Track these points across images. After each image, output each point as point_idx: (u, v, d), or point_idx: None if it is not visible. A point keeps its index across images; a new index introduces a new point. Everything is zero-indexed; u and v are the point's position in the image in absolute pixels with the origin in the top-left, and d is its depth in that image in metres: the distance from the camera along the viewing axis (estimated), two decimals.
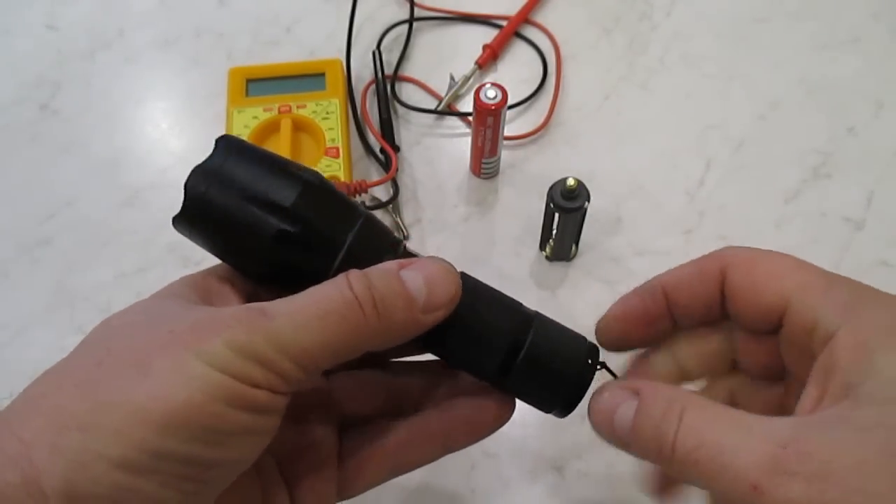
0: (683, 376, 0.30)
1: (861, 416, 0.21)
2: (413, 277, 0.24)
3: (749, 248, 0.27)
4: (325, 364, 0.23)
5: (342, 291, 0.23)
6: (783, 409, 0.27)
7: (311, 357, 0.23)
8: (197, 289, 0.26)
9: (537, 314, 0.28)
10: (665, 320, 0.29)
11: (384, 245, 0.27)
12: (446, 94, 0.55)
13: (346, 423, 0.30)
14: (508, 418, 0.28)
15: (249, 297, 0.27)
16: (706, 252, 0.28)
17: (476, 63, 0.56)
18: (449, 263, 0.25)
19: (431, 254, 0.28)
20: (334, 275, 0.24)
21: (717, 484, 0.21)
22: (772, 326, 0.26)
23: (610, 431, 0.25)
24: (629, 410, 0.24)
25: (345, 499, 0.29)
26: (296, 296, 0.24)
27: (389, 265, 0.25)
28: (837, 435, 0.21)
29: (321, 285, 0.24)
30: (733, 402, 0.29)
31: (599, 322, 0.29)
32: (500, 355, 0.26)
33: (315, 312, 0.23)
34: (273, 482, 0.27)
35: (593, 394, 0.26)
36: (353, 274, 0.24)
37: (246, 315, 0.23)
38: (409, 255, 0.27)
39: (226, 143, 0.26)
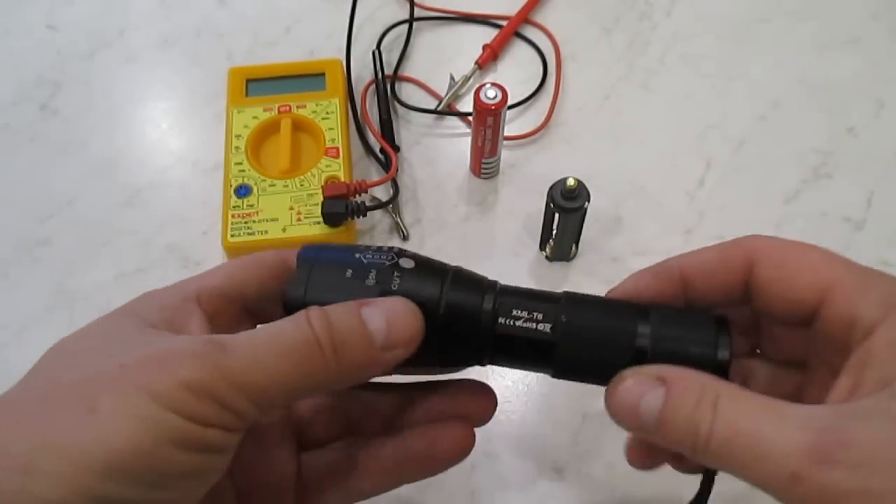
0: None
1: None
2: (373, 315, 0.24)
3: (775, 238, 0.26)
4: (281, 402, 0.23)
5: (302, 330, 0.23)
6: (799, 396, 0.27)
7: (267, 396, 0.22)
8: (160, 308, 0.25)
9: (653, 304, 0.27)
10: (677, 302, 0.28)
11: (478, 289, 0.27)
12: (446, 94, 0.55)
13: (306, 445, 0.30)
14: (467, 453, 0.28)
15: (214, 317, 0.26)
16: None
17: (476, 63, 0.56)
18: (412, 303, 0.25)
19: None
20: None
21: (754, 473, 0.21)
22: (803, 319, 0.25)
23: (634, 420, 0.24)
24: (656, 400, 0.23)
25: None
26: (256, 330, 0.23)
27: (349, 304, 0.24)
28: (877, 424, 0.20)
29: (282, 321, 0.23)
30: (747, 386, 0.29)
31: (608, 294, 0.29)
32: (626, 356, 0.25)
33: (275, 350, 0.22)
34: None
35: (613, 380, 0.25)
36: (314, 311, 0.24)
37: (202, 349, 0.22)
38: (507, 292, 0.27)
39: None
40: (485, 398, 0.29)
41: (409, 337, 0.24)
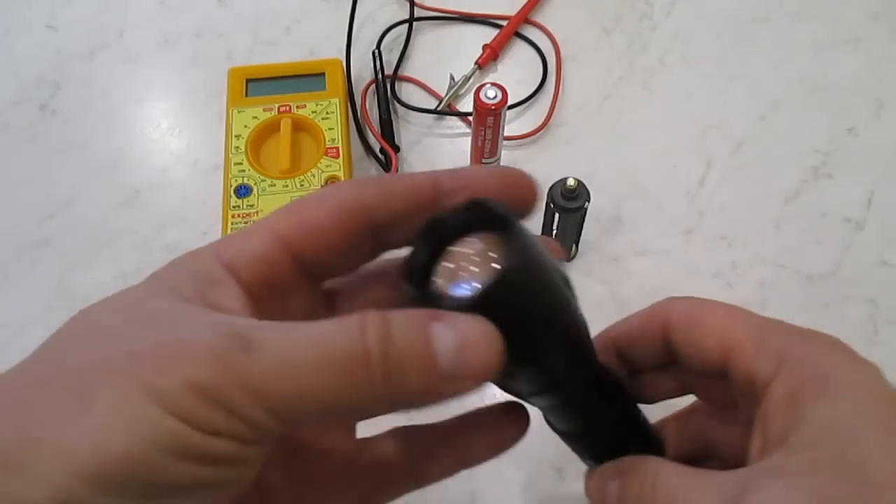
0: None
1: (793, 464, 0.22)
2: (444, 334, 0.19)
3: (689, 299, 0.27)
4: (309, 419, 0.20)
5: (350, 336, 0.18)
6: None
7: (290, 409, 0.19)
8: (196, 277, 0.22)
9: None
10: (621, 368, 0.30)
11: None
12: (446, 94, 0.55)
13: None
14: (524, 435, 0.28)
15: (253, 292, 0.22)
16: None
17: (476, 63, 0.56)
18: (493, 328, 0.19)
19: None
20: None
21: None
22: (720, 375, 0.26)
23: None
24: (613, 489, 0.26)
25: None
26: (294, 326, 0.19)
27: (418, 313, 0.19)
28: (774, 485, 0.21)
29: (328, 321, 0.19)
30: (702, 437, 0.31)
31: None
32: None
33: (311, 357, 0.18)
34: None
35: (586, 477, 0.29)
36: (372, 316, 0.19)
37: (221, 346, 0.18)
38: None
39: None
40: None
41: (482, 368, 0.19)
